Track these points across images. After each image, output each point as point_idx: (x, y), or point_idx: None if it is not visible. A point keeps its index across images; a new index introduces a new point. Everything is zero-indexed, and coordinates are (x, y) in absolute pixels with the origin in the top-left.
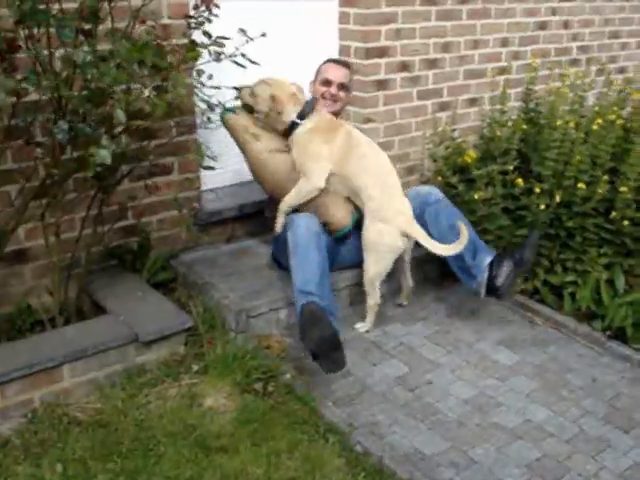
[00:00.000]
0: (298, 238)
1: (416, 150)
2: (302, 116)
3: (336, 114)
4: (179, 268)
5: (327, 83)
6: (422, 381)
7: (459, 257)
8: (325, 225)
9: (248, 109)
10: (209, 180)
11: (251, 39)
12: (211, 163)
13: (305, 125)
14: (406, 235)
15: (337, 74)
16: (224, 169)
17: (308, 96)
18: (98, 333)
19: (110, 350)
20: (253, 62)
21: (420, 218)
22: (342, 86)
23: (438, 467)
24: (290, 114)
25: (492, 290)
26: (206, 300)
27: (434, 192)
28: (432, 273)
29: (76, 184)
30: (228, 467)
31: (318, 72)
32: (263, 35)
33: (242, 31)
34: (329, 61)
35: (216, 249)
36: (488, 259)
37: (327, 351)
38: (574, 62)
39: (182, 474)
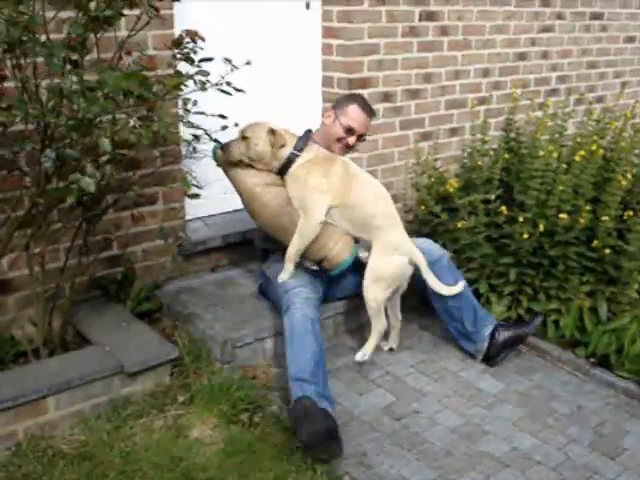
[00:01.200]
0: (294, 326)
1: (399, 179)
2: (296, 150)
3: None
4: (164, 298)
5: (350, 131)
6: (409, 410)
7: (459, 321)
8: (322, 261)
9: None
10: (193, 210)
11: (236, 67)
12: (197, 191)
13: (303, 158)
14: (413, 263)
15: (362, 124)
16: (208, 199)
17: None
18: (83, 364)
19: (95, 381)
20: (238, 90)
21: (417, 275)
22: (361, 136)
23: None
24: (289, 147)
25: (487, 358)
26: (191, 330)
27: (435, 248)
28: (415, 302)
29: (61, 214)
30: None
31: (342, 109)
32: (248, 63)
33: (227, 60)
34: (359, 103)
35: (201, 279)
36: (490, 328)
37: (321, 443)
38: (553, 92)
39: None
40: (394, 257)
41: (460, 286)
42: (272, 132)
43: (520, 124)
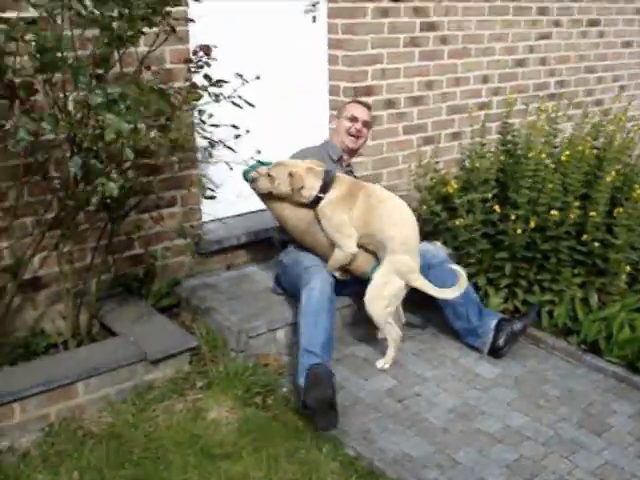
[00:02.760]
0: (311, 301)
1: (403, 182)
2: (325, 187)
3: (356, 150)
4: (183, 294)
5: (354, 119)
6: (410, 393)
7: (464, 317)
8: (346, 271)
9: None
10: (210, 212)
11: (246, 81)
12: (212, 193)
13: (328, 198)
14: (412, 287)
15: (362, 112)
16: (223, 201)
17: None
18: (109, 353)
19: (121, 368)
20: (249, 104)
21: (425, 276)
22: (365, 124)
23: (424, 468)
24: (311, 188)
25: (493, 350)
26: (209, 322)
27: (440, 253)
28: (417, 296)
29: (87, 216)
30: (231, 471)
31: (343, 110)
32: (257, 78)
33: (239, 75)
34: (354, 101)
35: (217, 276)
36: (494, 322)
37: (324, 410)
38: (552, 96)
39: (189, 479)
40: (397, 280)
41: (462, 284)
42: (291, 175)
43: (516, 127)
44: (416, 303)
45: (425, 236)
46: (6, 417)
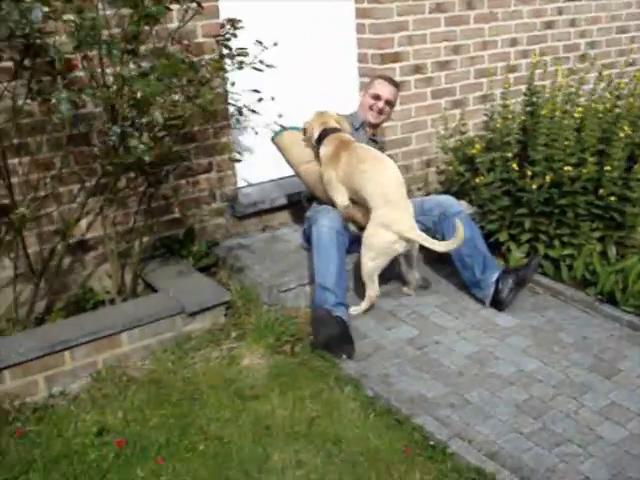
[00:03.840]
0: (321, 237)
1: (432, 145)
2: (318, 139)
3: (378, 125)
4: (220, 254)
5: (376, 97)
6: (430, 341)
7: (470, 269)
8: (354, 223)
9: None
10: (246, 176)
11: (266, 48)
12: (239, 157)
13: (320, 153)
14: (406, 240)
15: (386, 91)
16: (257, 166)
17: (358, 115)
18: (151, 306)
19: (161, 320)
20: (269, 66)
21: (438, 225)
22: (388, 102)
23: (437, 407)
24: (314, 137)
25: (496, 302)
26: (243, 279)
27: (454, 204)
28: (444, 254)
29: (128, 182)
30: (260, 410)
31: (369, 85)
32: (275, 44)
33: (259, 42)
34: (381, 77)
35: (252, 237)
36: (495, 275)
37: (337, 345)
38: (583, 57)
39: (222, 416)
40: (381, 232)
41: (459, 237)
42: (304, 130)
43: (540, 88)
44: (443, 261)
45: (452, 196)
46: (58, 364)
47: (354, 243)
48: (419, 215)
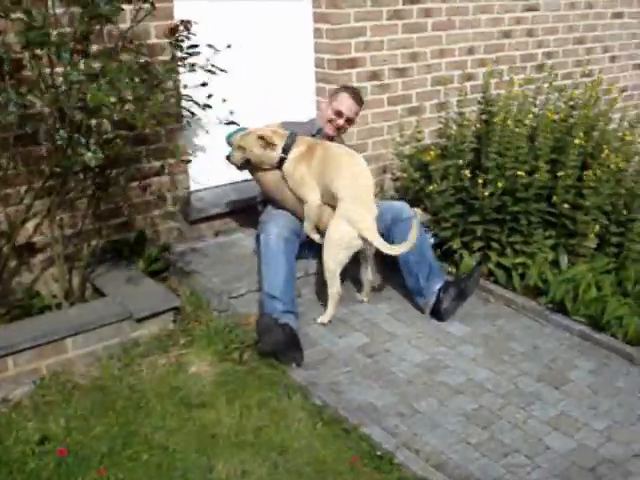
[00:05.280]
0: (269, 245)
1: (388, 151)
2: (286, 148)
3: (333, 137)
4: (171, 259)
5: (338, 114)
6: (380, 349)
7: (415, 276)
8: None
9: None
10: (199, 180)
11: (218, 51)
12: (188, 158)
13: (289, 157)
14: (363, 239)
15: (349, 109)
16: (211, 170)
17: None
18: (97, 312)
19: (107, 326)
20: (221, 70)
21: (389, 230)
22: (349, 120)
23: (386, 416)
24: (278, 149)
25: (436, 312)
26: (193, 285)
27: (406, 209)
28: (392, 258)
29: (76, 184)
30: (206, 418)
31: (334, 96)
32: (228, 46)
33: (210, 46)
34: (347, 91)
35: (205, 242)
36: (438, 285)
37: (283, 352)
38: (540, 67)
39: (167, 425)
40: (343, 226)
41: (411, 240)
42: (261, 138)
43: (495, 97)
44: (395, 267)
45: (407, 203)
46: (0, 370)
47: (305, 249)
48: (379, 218)
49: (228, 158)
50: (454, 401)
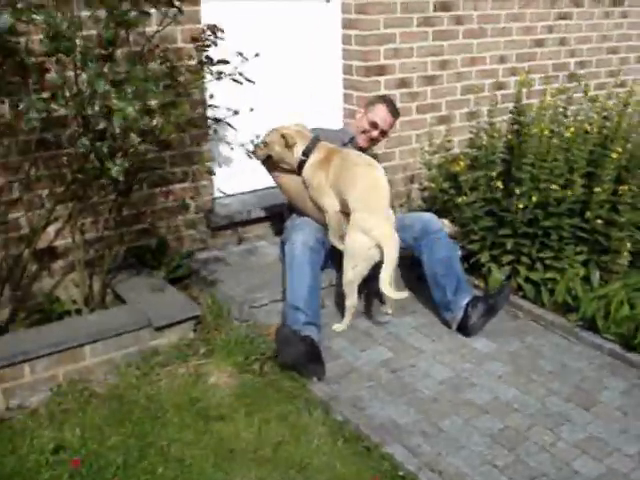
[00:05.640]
0: (294, 254)
1: (416, 160)
2: (307, 152)
3: (364, 150)
4: (193, 266)
5: (374, 125)
6: (405, 365)
7: (442, 290)
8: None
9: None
10: (223, 187)
11: (246, 59)
12: (211, 168)
13: (309, 162)
14: (381, 247)
15: (386, 121)
16: (236, 177)
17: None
18: (116, 319)
19: (126, 334)
20: (249, 80)
21: (416, 242)
22: (383, 132)
23: (409, 434)
24: (299, 149)
25: (463, 327)
26: (215, 293)
27: (435, 222)
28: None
29: (98, 190)
30: (224, 431)
31: (371, 107)
32: (257, 55)
33: (239, 54)
34: (384, 103)
35: (227, 250)
36: (466, 299)
37: (304, 365)
38: (572, 77)
39: (184, 437)
40: (359, 237)
41: (402, 294)
42: (283, 136)
43: (527, 107)
44: (422, 280)
45: (435, 214)
46: (17, 377)
47: (330, 258)
48: (399, 231)
49: (253, 152)
50: (480, 420)
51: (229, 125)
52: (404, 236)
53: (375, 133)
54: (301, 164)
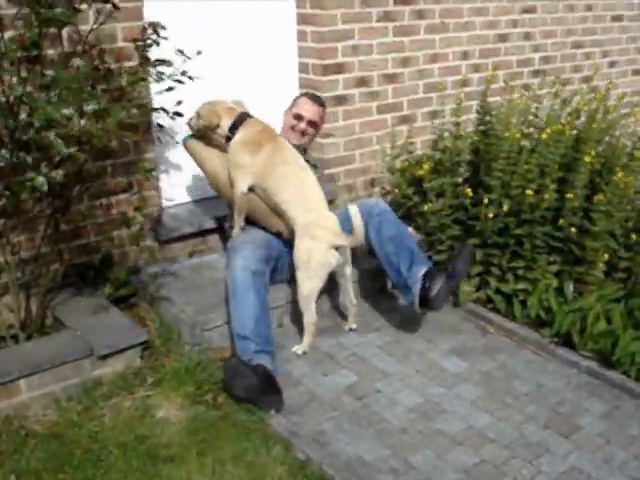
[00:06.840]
0: (235, 281)
1: (377, 163)
2: (233, 127)
3: (300, 146)
4: (141, 282)
5: (298, 117)
6: (370, 390)
7: (397, 270)
8: (279, 234)
9: (197, 136)
10: (171, 196)
11: (189, 58)
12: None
13: (234, 139)
14: (336, 247)
15: (310, 111)
16: (183, 186)
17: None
18: (55, 348)
19: (66, 364)
20: (191, 78)
21: (364, 227)
22: (311, 123)
23: (377, 473)
24: (225, 127)
25: (425, 302)
26: (163, 314)
27: (380, 204)
28: (385, 284)
29: (33, 205)
30: (174, 476)
31: (293, 103)
32: (199, 53)
33: (180, 52)
34: (305, 96)
35: (178, 264)
36: (423, 270)
37: (259, 397)
38: (537, 73)
39: None
40: (308, 244)
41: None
42: (208, 109)
43: (494, 106)
44: (383, 293)
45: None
46: None
47: (281, 268)
48: (345, 222)
49: (189, 124)
50: (453, 454)
51: (176, 114)
52: (349, 227)
53: (303, 125)
54: (228, 140)
